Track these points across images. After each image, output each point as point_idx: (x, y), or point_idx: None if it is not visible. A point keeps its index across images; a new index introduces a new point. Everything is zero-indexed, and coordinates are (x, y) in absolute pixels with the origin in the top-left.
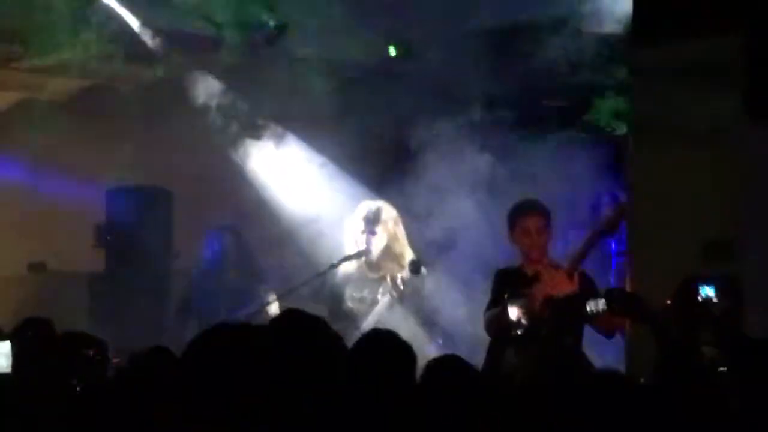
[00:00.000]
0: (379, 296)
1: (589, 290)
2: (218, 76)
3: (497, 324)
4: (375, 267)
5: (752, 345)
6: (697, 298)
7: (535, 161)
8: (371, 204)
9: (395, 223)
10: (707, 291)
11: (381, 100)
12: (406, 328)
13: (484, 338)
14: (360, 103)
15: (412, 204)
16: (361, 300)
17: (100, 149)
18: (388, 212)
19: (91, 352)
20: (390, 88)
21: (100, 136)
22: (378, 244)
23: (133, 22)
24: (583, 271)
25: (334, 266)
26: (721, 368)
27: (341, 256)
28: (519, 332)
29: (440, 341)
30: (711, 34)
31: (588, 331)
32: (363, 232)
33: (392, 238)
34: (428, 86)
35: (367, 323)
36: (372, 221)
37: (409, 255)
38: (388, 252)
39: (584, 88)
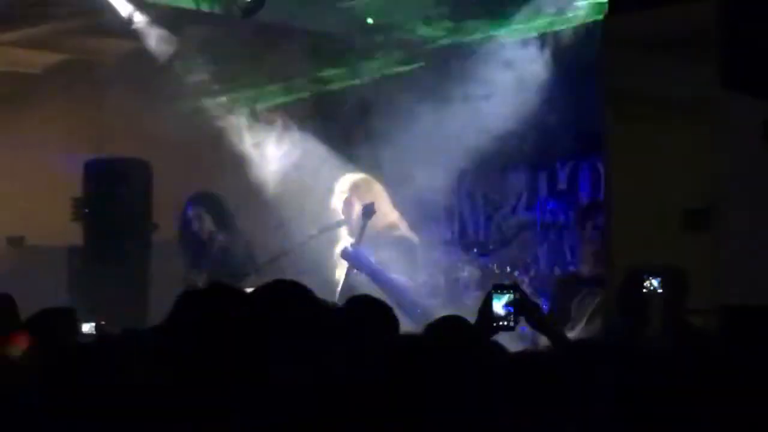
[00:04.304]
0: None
1: None
2: (195, 48)
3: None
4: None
5: (695, 333)
6: (641, 290)
7: None
8: (352, 177)
9: (378, 195)
10: (651, 282)
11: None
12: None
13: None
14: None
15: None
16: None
17: (78, 121)
18: (369, 185)
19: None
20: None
21: (78, 109)
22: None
23: None
24: None
25: (313, 237)
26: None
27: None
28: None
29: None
30: (685, 1)
31: None
32: (345, 203)
33: (376, 205)
34: None
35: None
36: (353, 192)
37: (397, 223)
38: (375, 224)
39: None
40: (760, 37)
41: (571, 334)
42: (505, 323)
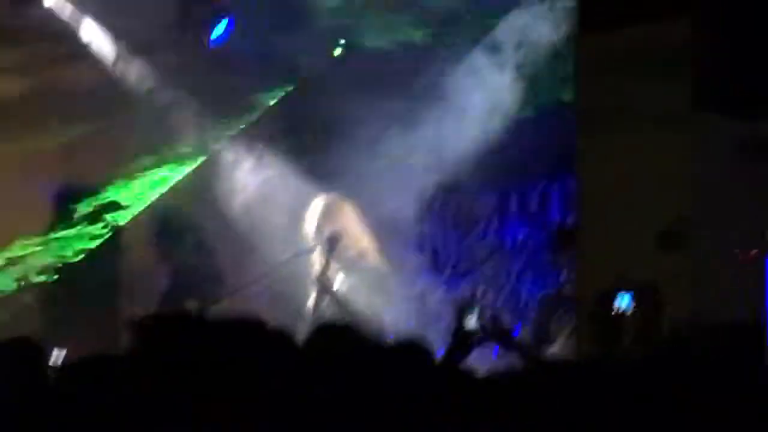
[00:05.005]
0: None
1: None
2: (162, 75)
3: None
4: (336, 259)
5: (670, 350)
6: (610, 309)
7: None
8: (323, 200)
9: (348, 218)
10: (622, 300)
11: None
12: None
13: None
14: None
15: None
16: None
17: (49, 148)
18: (341, 207)
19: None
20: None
21: (49, 136)
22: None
23: (78, 23)
24: None
25: (283, 263)
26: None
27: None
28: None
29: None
30: (658, 20)
31: None
32: (317, 228)
33: (347, 230)
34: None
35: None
36: (324, 216)
37: (368, 249)
38: (346, 250)
39: None
40: (732, 56)
41: (549, 352)
42: (472, 343)
